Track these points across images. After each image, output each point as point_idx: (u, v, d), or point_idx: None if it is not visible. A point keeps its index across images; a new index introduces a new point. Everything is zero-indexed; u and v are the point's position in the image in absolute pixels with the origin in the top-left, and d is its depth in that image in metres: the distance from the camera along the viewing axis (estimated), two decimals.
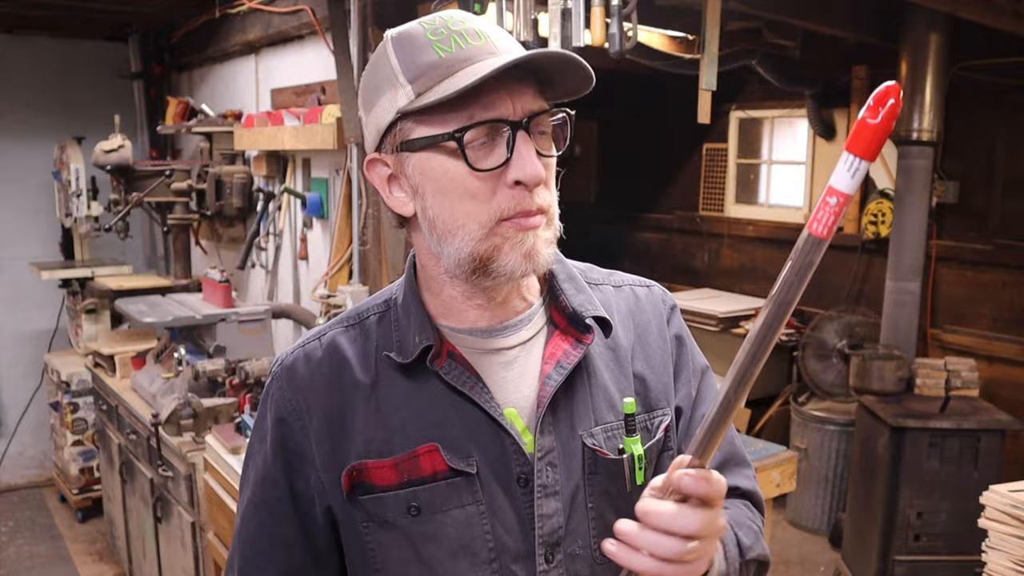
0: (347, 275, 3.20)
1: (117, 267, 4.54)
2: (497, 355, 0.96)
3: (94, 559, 4.17)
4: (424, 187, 0.90)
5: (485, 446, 0.93)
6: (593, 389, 0.98)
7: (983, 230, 4.29)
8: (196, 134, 4.24)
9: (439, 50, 0.86)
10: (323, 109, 3.14)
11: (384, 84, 0.90)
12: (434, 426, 0.93)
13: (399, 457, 0.93)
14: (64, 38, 4.92)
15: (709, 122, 2.83)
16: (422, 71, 0.87)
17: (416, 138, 0.88)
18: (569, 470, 0.95)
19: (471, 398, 0.93)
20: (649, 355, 1.04)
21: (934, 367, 3.77)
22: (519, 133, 0.86)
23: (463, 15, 0.91)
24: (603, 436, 0.97)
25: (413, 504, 0.93)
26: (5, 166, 4.86)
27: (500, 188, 0.87)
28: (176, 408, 2.84)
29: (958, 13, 3.22)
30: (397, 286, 1.02)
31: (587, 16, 2.30)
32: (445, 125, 0.86)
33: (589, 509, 0.96)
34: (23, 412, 5.01)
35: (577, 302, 0.99)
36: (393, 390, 0.95)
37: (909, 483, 3.47)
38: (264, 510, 1.00)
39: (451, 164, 0.87)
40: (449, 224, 0.89)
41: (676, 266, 5.96)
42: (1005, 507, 1.52)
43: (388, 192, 0.94)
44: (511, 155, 0.86)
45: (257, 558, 1.00)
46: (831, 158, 4.97)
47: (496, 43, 0.88)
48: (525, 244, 0.88)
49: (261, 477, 1.00)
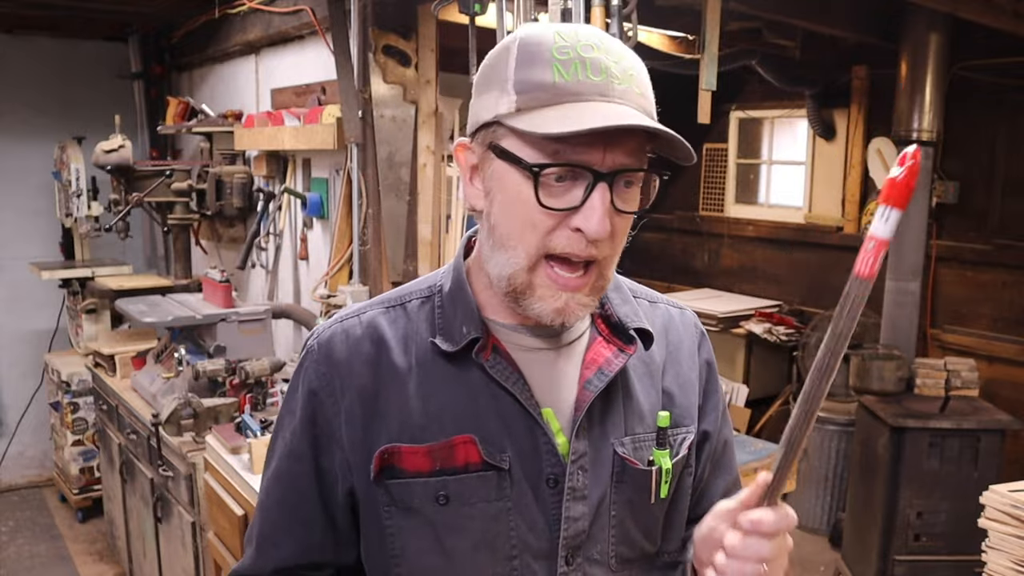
0: (347, 275, 3.20)
1: (117, 267, 4.54)
2: (540, 354, 0.96)
3: (94, 559, 4.16)
4: (496, 194, 0.89)
5: (519, 443, 0.93)
6: (627, 399, 0.99)
7: (983, 230, 4.29)
8: (196, 134, 4.24)
9: (557, 72, 0.84)
10: (323, 109, 3.14)
11: (495, 80, 0.88)
12: (471, 417, 0.93)
13: (434, 444, 0.92)
14: (64, 38, 4.92)
15: (709, 122, 2.83)
16: (531, 87, 0.84)
17: (503, 147, 0.87)
18: (598, 476, 0.96)
19: (512, 393, 0.93)
20: (679, 373, 1.05)
21: (934, 367, 3.77)
22: (600, 185, 0.84)
23: (600, 38, 0.87)
24: (632, 447, 0.98)
25: (442, 493, 0.92)
26: (5, 166, 4.86)
27: (561, 227, 0.86)
28: (176, 408, 2.84)
29: (958, 13, 3.22)
30: (443, 273, 1.01)
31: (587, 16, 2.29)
32: (531, 149, 0.85)
33: (612, 516, 0.97)
34: (23, 412, 5.01)
35: (623, 312, 1.00)
36: (433, 377, 0.94)
37: (909, 483, 3.47)
38: (287, 483, 0.99)
39: (524, 188, 0.85)
40: (504, 239, 0.89)
41: (676, 266, 5.96)
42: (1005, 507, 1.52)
43: (468, 180, 0.93)
44: (582, 204, 0.84)
45: (275, 533, 1.00)
46: (831, 158, 4.97)
47: (615, 84, 0.85)
48: (558, 301, 0.89)
49: (288, 451, 0.99)
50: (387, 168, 2.94)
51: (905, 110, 3.85)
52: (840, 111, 4.85)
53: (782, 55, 4.28)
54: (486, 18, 2.46)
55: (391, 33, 2.89)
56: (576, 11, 2.25)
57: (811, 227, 5.08)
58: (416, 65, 2.95)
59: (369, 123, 2.94)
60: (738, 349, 5.01)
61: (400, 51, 2.91)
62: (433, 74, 2.98)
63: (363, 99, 2.93)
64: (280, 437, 1.01)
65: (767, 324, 4.90)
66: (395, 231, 2.96)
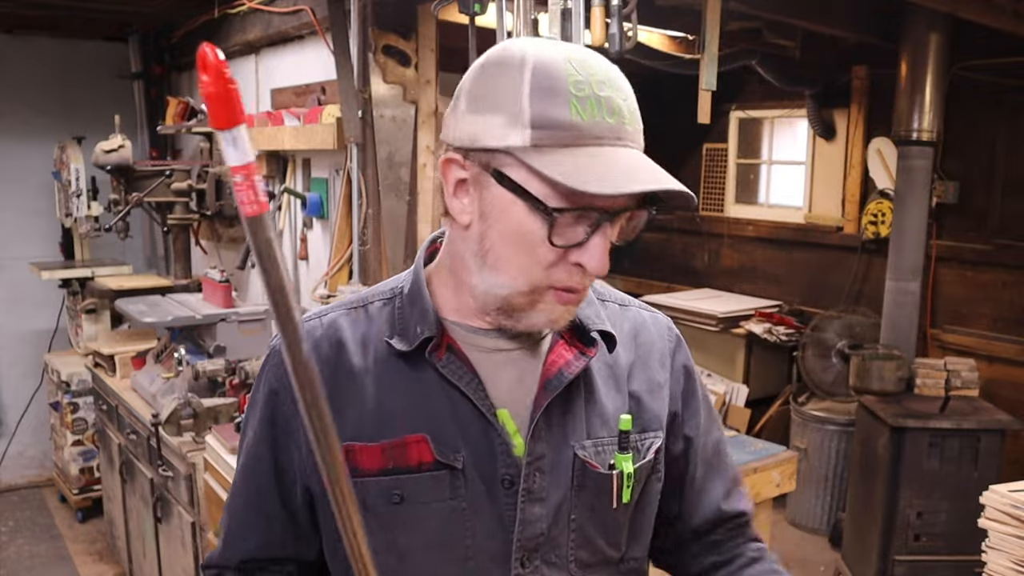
0: (347, 275, 3.20)
1: (117, 267, 4.54)
2: (497, 354, 0.96)
3: (94, 559, 4.16)
4: (493, 220, 0.88)
5: (473, 443, 0.93)
6: (588, 402, 0.98)
7: (983, 230, 4.29)
8: (196, 134, 4.24)
9: (574, 110, 0.83)
10: (323, 109, 3.14)
11: (504, 104, 0.85)
12: (425, 417, 0.93)
13: (387, 443, 0.93)
14: (64, 38, 4.91)
15: (709, 122, 2.83)
16: (549, 124, 0.83)
17: (510, 178, 0.85)
18: (557, 479, 0.95)
19: (465, 393, 0.93)
20: (648, 377, 1.04)
21: (934, 367, 3.77)
22: (604, 226, 0.86)
23: (608, 72, 0.87)
24: (593, 450, 0.97)
25: (396, 492, 0.93)
26: (5, 166, 4.86)
27: (562, 261, 0.87)
28: (176, 408, 2.84)
29: (958, 13, 3.22)
30: (405, 276, 1.02)
31: (587, 16, 2.29)
32: (542, 186, 0.83)
33: (572, 520, 0.96)
34: (23, 412, 5.00)
35: (584, 314, 0.99)
36: (389, 377, 0.95)
37: (909, 483, 3.47)
38: (250, 480, 1.03)
39: (529, 222, 0.85)
40: (499, 265, 0.89)
41: (676, 266, 5.96)
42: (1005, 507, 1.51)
43: (452, 193, 0.91)
44: (586, 241, 0.86)
45: (240, 527, 1.04)
46: (831, 158, 4.97)
47: (628, 126, 0.86)
48: (556, 312, 0.90)
49: (250, 449, 1.02)
50: (387, 168, 2.94)
51: (905, 110, 3.85)
52: (840, 111, 4.85)
53: (782, 55, 4.28)
54: (486, 18, 2.46)
55: (391, 33, 2.89)
56: (576, 11, 2.25)
57: (811, 227, 5.08)
58: (416, 65, 2.95)
59: (369, 123, 2.94)
60: (738, 349, 5.01)
61: (400, 51, 2.91)
62: (433, 74, 2.98)
63: (363, 99, 2.93)
64: (245, 435, 1.04)
65: (767, 324, 4.90)
66: (395, 231, 2.96)
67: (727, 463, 1.13)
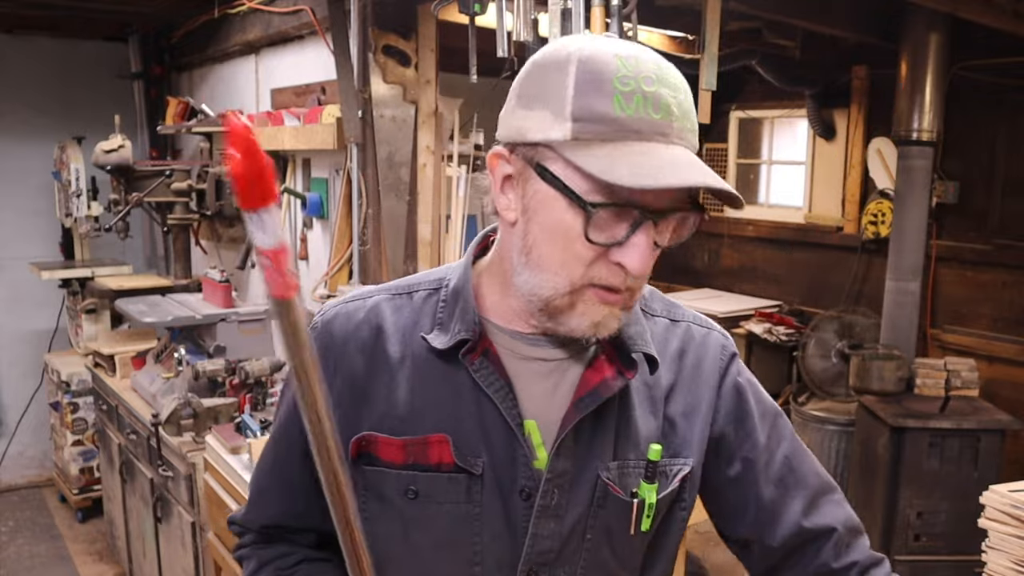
0: (347, 275, 3.20)
1: (117, 267, 4.54)
2: (536, 364, 0.94)
3: (94, 559, 4.16)
4: (535, 215, 0.86)
5: (496, 451, 0.92)
6: (620, 423, 0.96)
7: (983, 230, 4.29)
8: (196, 134, 4.24)
9: (618, 105, 0.81)
10: (323, 109, 3.14)
11: (549, 98, 0.83)
12: (451, 418, 0.93)
13: (409, 439, 0.93)
14: (64, 38, 4.91)
15: (709, 122, 2.83)
16: (591, 117, 0.81)
17: (551, 172, 0.83)
18: (577, 497, 0.93)
19: (494, 401, 0.92)
20: (688, 400, 1.00)
21: (934, 367, 3.77)
22: (645, 224, 0.83)
23: (660, 68, 0.84)
24: (617, 472, 0.95)
25: (412, 487, 0.93)
26: (5, 166, 4.86)
27: (602, 259, 0.84)
28: (176, 408, 2.84)
29: (958, 13, 3.22)
30: (455, 267, 1.00)
31: (587, 16, 2.29)
32: (582, 180, 0.81)
33: (586, 540, 0.95)
34: (23, 412, 5.01)
35: (629, 333, 0.95)
36: (421, 372, 0.94)
37: (909, 483, 3.47)
38: (281, 450, 1.04)
39: (570, 218, 0.83)
40: (542, 263, 0.86)
41: (676, 266, 5.96)
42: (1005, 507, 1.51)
43: (499, 190, 0.90)
44: (626, 240, 0.83)
45: (266, 492, 1.06)
46: (831, 158, 4.97)
47: (674, 123, 0.83)
48: (598, 314, 0.87)
49: (282, 422, 1.04)
50: (387, 168, 2.94)
51: (905, 110, 3.85)
52: (840, 111, 4.85)
53: (782, 55, 4.28)
54: (486, 18, 2.46)
55: (391, 33, 2.89)
56: (576, 11, 2.25)
57: (811, 227, 5.08)
58: (416, 65, 2.95)
59: (369, 123, 2.94)
60: (738, 349, 5.00)
61: (400, 51, 2.91)
62: (433, 74, 2.98)
63: (363, 99, 2.93)
64: (282, 406, 1.06)
65: (767, 324, 4.90)
66: (395, 231, 2.96)
67: (806, 477, 1.06)
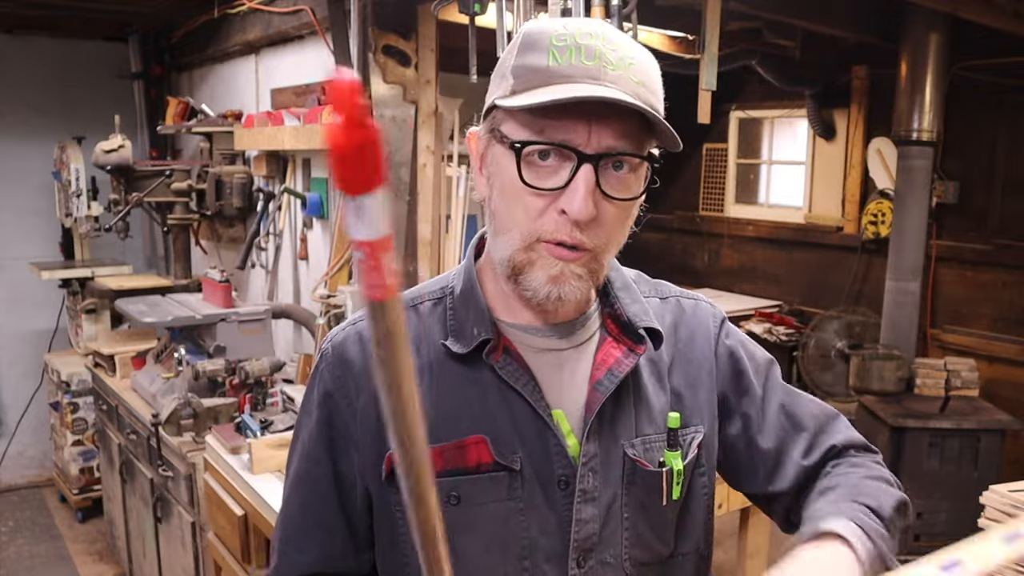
0: (347, 275, 3.20)
1: (117, 267, 4.54)
2: (549, 355, 0.96)
3: (94, 559, 4.16)
4: (494, 179, 0.91)
5: (530, 444, 0.93)
6: (637, 400, 0.98)
7: (983, 230, 4.29)
8: (196, 134, 4.24)
9: (552, 56, 0.85)
10: (323, 109, 3.14)
11: (500, 69, 0.91)
12: (483, 418, 0.93)
13: (445, 445, 0.92)
14: (64, 38, 4.91)
15: (709, 122, 2.83)
16: (526, 72, 0.86)
17: (501, 132, 0.88)
18: (608, 478, 0.95)
19: (523, 395, 0.93)
20: (689, 371, 1.03)
21: (934, 367, 3.77)
22: (584, 167, 0.84)
23: (603, 30, 0.88)
24: (642, 448, 0.97)
25: (453, 494, 0.92)
26: (5, 166, 4.86)
27: (549, 210, 0.86)
28: (176, 408, 2.84)
29: (958, 13, 3.22)
30: (454, 274, 1.02)
31: (587, 16, 2.29)
32: (521, 130, 0.86)
33: (624, 519, 0.96)
34: (23, 412, 5.01)
35: (632, 311, 0.98)
36: (445, 378, 0.95)
37: (909, 483, 3.47)
38: (308, 487, 0.99)
39: (513, 169, 0.86)
40: (502, 223, 0.90)
41: (676, 266, 5.96)
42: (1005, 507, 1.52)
43: (478, 170, 0.94)
44: (566, 185, 0.84)
45: (298, 537, 1.00)
46: (831, 158, 4.97)
47: (608, 69, 0.84)
48: (553, 267, 0.88)
49: (306, 452, 0.99)
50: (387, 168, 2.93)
51: (905, 110, 3.85)
52: (840, 111, 4.85)
53: (782, 55, 4.28)
54: (486, 18, 2.45)
55: (391, 33, 2.89)
56: (576, 11, 2.25)
57: (811, 227, 5.08)
58: (416, 65, 2.95)
59: None
60: None
61: (400, 51, 2.91)
62: (433, 74, 2.98)
63: None
64: (299, 441, 1.02)
65: (767, 324, 4.90)
66: (395, 231, 2.96)
67: (802, 421, 1.06)
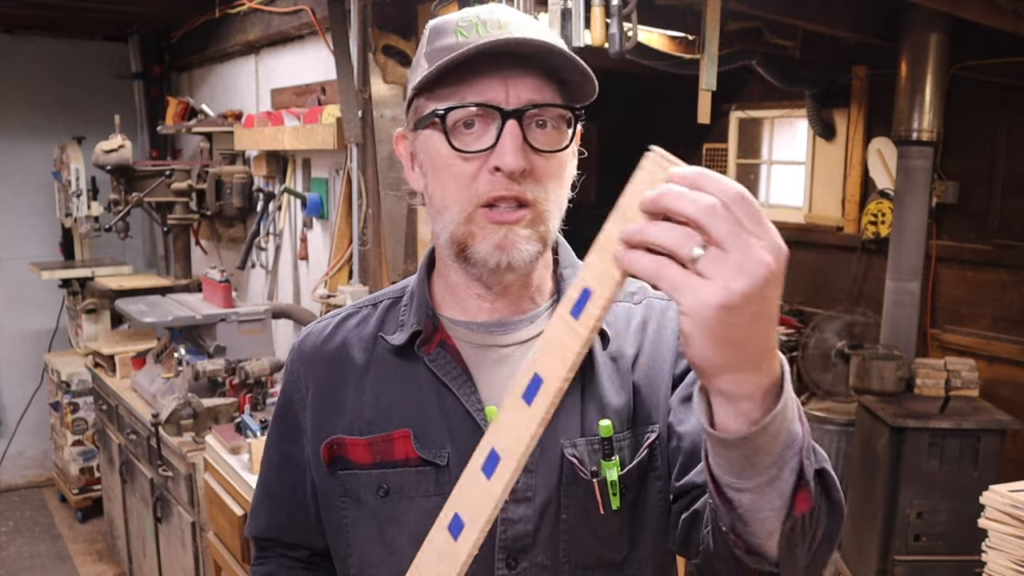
0: (347, 275, 3.20)
1: (117, 267, 4.54)
2: (491, 351, 0.97)
3: (94, 559, 4.16)
4: (426, 164, 0.92)
5: (460, 440, 0.93)
6: (587, 398, 0.95)
7: (983, 230, 4.29)
8: (196, 134, 4.24)
9: (459, 34, 0.88)
10: (323, 109, 3.14)
11: (414, 63, 0.94)
12: (414, 413, 0.95)
13: (374, 438, 0.95)
14: (64, 38, 4.92)
15: (709, 122, 2.83)
16: (437, 52, 0.88)
17: (423, 115, 0.90)
18: (545, 479, 0.92)
19: (451, 389, 0.94)
20: (651, 366, 0.99)
21: (934, 367, 3.77)
22: (508, 122, 0.85)
23: (507, 12, 0.91)
24: (587, 448, 0.93)
25: (382, 486, 0.95)
26: (5, 166, 4.86)
27: (482, 173, 0.87)
28: (176, 408, 2.84)
29: (958, 13, 3.22)
30: (415, 276, 1.05)
31: (587, 16, 2.29)
32: (440, 103, 0.88)
33: (562, 521, 0.93)
34: (23, 412, 5.01)
35: None
36: (384, 372, 0.98)
37: (909, 483, 3.47)
38: (269, 467, 1.11)
39: (441, 143, 0.88)
40: (439, 203, 0.91)
41: None
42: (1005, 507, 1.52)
43: (409, 168, 0.97)
44: (495, 144, 0.86)
45: (258, 506, 1.13)
46: (831, 158, 4.97)
47: (513, 32, 0.87)
48: (496, 236, 0.88)
49: (272, 439, 1.11)
50: (387, 168, 2.93)
51: (905, 110, 3.85)
52: (840, 111, 4.84)
53: (782, 55, 4.27)
54: None
55: (391, 33, 2.89)
56: (576, 11, 2.25)
57: (811, 227, 5.08)
58: None
59: (369, 123, 2.94)
60: None
61: (400, 51, 2.91)
62: None
63: (363, 99, 2.93)
64: (271, 426, 1.13)
65: None
66: (395, 231, 2.96)
67: None
